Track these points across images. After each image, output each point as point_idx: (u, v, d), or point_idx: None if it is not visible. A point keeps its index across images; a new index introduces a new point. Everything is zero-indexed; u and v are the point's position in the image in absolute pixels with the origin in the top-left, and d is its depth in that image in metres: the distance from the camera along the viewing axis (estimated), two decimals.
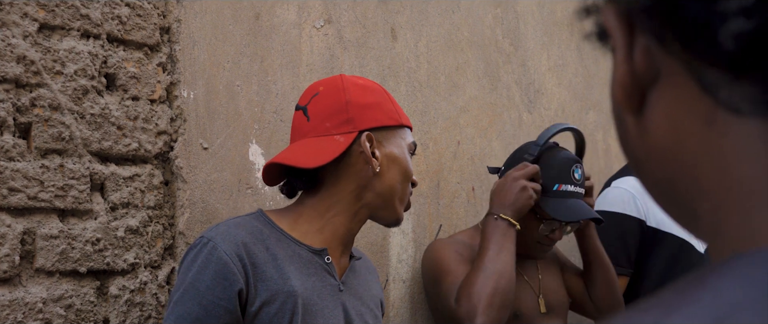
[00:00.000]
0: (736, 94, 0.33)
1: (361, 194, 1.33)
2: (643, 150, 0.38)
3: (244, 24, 1.64)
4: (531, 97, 2.45)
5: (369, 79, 1.40)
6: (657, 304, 0.32)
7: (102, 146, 1.40)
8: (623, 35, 0.37)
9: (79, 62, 1.37)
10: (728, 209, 0.35)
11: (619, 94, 0.37)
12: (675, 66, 0.35)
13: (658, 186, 0.39)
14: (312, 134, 1.32)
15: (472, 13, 2.25)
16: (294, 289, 1.25)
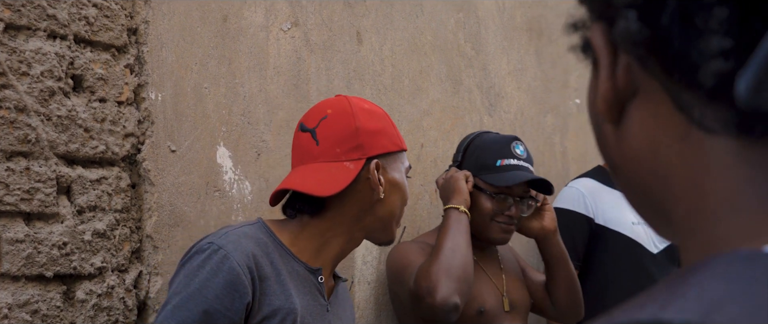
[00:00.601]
0: (708, 115, 0.37)
1: (362, 218, 1.35)
2: (619, 156, 0.42)
3: (211, 26, 1.64)
4: (491, 100, 2.49)
5: (372, 102, 1.42)
6: (649, 300, 0.35)
7: (69, 149, 1.38)
8: (608, 54, 0.40)
9: (46, 63, 1.35)
10: (700, 214, 0.38)
11: (601, 105, 0.41)
12: (653, 84, 0.39)
13: (633, 189, 0.43)
14: (322, 159, 1.32)
15: (435, 17, 2.27)
16: (295, 307, 1.26)
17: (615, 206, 2.33)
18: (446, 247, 1.74)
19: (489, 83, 2.49)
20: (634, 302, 0.36)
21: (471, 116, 2.38)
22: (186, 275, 1.21)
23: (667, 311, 0.33)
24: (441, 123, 2.27)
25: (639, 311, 0.34)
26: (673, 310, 0.33)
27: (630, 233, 2.31)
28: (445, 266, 1.70)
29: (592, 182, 2.38)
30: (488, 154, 1.90)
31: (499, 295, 1.94)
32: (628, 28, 0.37)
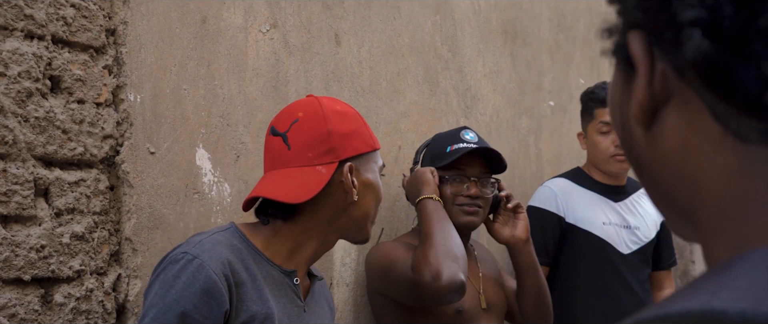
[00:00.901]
0: (745, 126, 0.40)
1: (336, 220, 1.34)
2: (648, 158, 0.45)
3: (190, 27, 1.63)
4: (468, 102, 2.51)
5: (343, 102, 1.41)
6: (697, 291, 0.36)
7: (46, 150, 1.36)
8: (646, 63, 0.42)
9: (23, 64, 1.33)
10: (729, 216, 0.41)
11: (636, 110, 0.43)
12: (689, 92, 0.41)
13: (659, 189, 0.45)
14: (294, 164, 1.31)
15: (413, 19, 2.28)
16: (272, 311, 1.26)
17: (587, 206, 2.36)
18: (436, 232, 1.75)
19: (465, 85, 2.51)
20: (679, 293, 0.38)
21: (448, 118, 2.40)
22: (161, 286, 1.20)
23: (718, 300, 0.35)
24: (418, 125, 2.28)
25: (689, 300, 0.36)
26: (725, 299, 0.35)
27: (600, 233, 2.34)
28: (442, 249, 1.71)
29: (565, 182, 2.42)
30: (439, 145, 1.98)
31: (476, 293, 1.96)
32: (699, 47, 0.38)
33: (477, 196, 1.93)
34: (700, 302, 0.35)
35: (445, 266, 1.67)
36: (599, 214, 2.36)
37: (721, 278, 0.36)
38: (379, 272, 1.88)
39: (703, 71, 0.40)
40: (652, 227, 2.45)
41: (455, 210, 1.92)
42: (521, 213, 2.01)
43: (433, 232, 1.75)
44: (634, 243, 2.38)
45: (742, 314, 0.33)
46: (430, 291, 1.67)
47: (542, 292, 2.02)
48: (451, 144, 1.96)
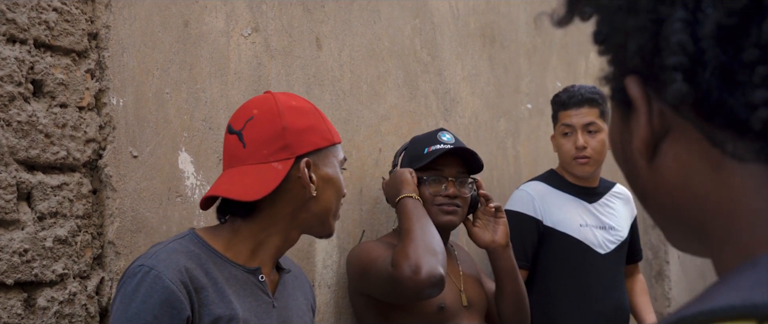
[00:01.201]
0: (740, 148, 0.46)
1: (296, 216, 1.34)
2: (653, 186, 0.51)
3: (173, 31, 1.63)
4: (447, 105, 2.54)
5: (300, 97, 1.40)
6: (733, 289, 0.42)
7: (29, 154, 1.36)
8: (645, 103, 0.48)
9: (5, 68, 1.33)
10: (735, 228, 0.47)
11: (639, 145, 0.49)
12: (686, 125, 0.47)
13: (665, 213, 0.51)
14: (249, 161, 1.31)
15: (393, 23, 2.31)
16: (236, 312, 1.26)
17: (563, 209, 2.39)
18: (415, 228, 1.78)
19: (444, 88, 2.53)
20: (715, 291, 0.43)
21: (427, 121, 2.42)
22: (122, 301, 1.21)
23: (758, 295, 0.40)
24: (398, 127, 2.30)
25: (729, 297, 0.41)
26: (757, 294, 0.40)
27: (577, 235, 2.37)
28: (421, 244, 1.73)
29: (541, 185, 2.44)
30: (417, 147, 2.02)
31: (457, 291, 1.99)
32: (679, 89, 0.44)
33: (455, 195, 1.96)
34: (741, 298, 0.40)
35: (424, 261, 1.70)
36: (576, 216, 2.40)
37: (750, 276, 0.42)
38: (359, 271, 1.90)
39: (696, 105, 0.45)
40: (626, 226, 2.49)
41: (434, 210, 1.95)
42: (502, 217, 2.04)
43: (413, 229, 1.78)
44: (610, 243, 2.42)
45: None
46: (410, 285, 1.69)
47: (521, 296, 2.05)
48: (428, 146, 1.99)
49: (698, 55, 0.44)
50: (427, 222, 1.81)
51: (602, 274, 2.39)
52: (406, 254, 1.71)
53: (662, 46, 0.45)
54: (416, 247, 1.72)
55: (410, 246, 1.73)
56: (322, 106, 2.02)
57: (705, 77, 0.44)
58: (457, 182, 1.98)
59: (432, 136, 2.02)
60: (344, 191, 1.40)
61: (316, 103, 2.00)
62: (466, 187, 2.00)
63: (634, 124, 0.49)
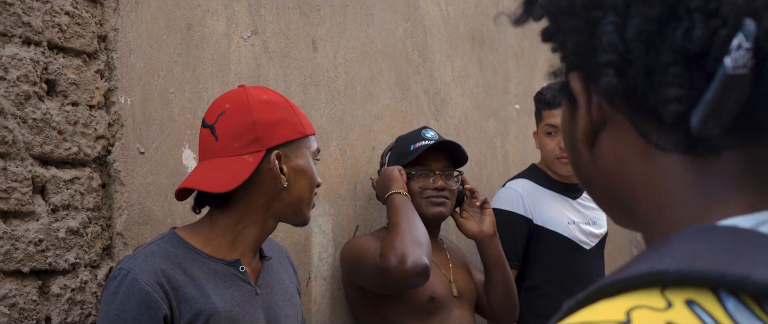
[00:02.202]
0: (663, 139, 0.51)
1: (270, 206, 1.39)
2: (593, 171, 0.57)
3: (177, 34, 1.72)
4: (437, 105, 2.63)
5: (272, 91, 1.45)
6: (642, 260, 0.47)
7: (43, 150, 1.44)
8: (585, 96, 0.54)
9: (22, 68, 1.41)
10: (658, 209, 0.52)
11: (580, 135, 0.55)
12: (620, 117, 0.53)
13: (603, 194, 0.57)
14: (222, 154, 1.36)
15: (385, 26, 2.39)
16: (215, 306, 1.32)
17: (551, 207, 2.45)
18: (402, 221, 1.87)
19: (435, 89, 2.62)
20: (630, 263, 0.48)
21: (418, 120, 2.51)
22: (104, 304, 1.29)
23: (662, 264, 0.45)
24: (391, 127, 2.39)
25: (637, 267, 0.46)
26: (667, 263, 0.45)
27: (566, 233, 2.43)
28: (407, 235, 1.83)
29: (528, 183, 2.48)
30: (403, 145, 2.12)
31: (446, 281, 2.08)
32: (609, 82, 0.50)
33: (443, 187, 2.06)
34: (647, 266, 0.45)
35: (409, 251, 1.79)
36: (563, 213, 2.45)
37: (663, 249, 0.47)
38: (351, 264, 1.99)
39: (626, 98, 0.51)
40: (604, 219, 2.56)
41: (424, 203, 2.04)
42: (488, 209, 2.13)
43: (400, 222, 1.87)
44: (594, 238, 2.49)
45: (680, 271, 0.44)
46: (396, 275, 1.78)
47: (509, 285, 2.14)
48: (413, 143, 2.09)
49: (626, 55, 0.50)
50: (413, 216, 1.91)
51: (588, 269, 2.45)
52: (393, 246, 1.81)
53: (596, 45, 0.51)
54: (402, 239, 1.81)
55: (397, 238, 1.82)
56: (317, 105, 2.11)
57: (631, 74, 0.50)
58: (443, 175, 2.07)
59: (416, 134, 2.12)
60: (318, 181, 1.44)
61: (312, 102, 2.09)
62: (453, 179, 2.10)
63: (577, 115, 0.55)
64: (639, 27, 0.48)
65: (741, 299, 0.44)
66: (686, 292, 0.44)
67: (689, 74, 0.48)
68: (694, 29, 0.47)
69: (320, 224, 2.10)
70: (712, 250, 0.45)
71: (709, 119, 0.47)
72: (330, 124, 2.15)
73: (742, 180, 0.50)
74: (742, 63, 0.45)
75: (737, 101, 0.46)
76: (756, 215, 0.48)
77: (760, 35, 0.46)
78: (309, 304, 2.05)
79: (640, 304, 0.44)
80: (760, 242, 0.46)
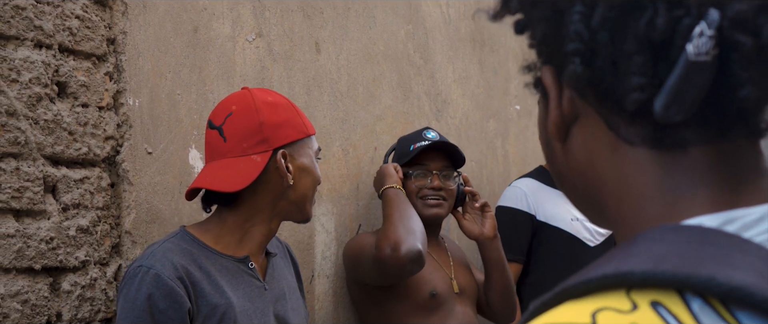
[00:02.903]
0: (631, 132, 0.50)
1: (276, 204, 1.45)
2: (566, 166, 0.56)
3: (184, 37, 1.75)
4: (439, 106, 2.66)
5: (276, 93, 1.50)
6: (610, 260, 0.46)
7: (54, 150, 1.48)
8: (555, 89, 0.53)
9: (33, 71, 1.45)
10: (627, 206, 0.52)
11: (551, 128, 0.54)
12: (590, 110, 0.52)
13: (576, 191, 0.57)
14: (230, 155, 1.41)
15: (387, 28, 2.43)
16: (230, 301, 1.37)
17: (555, 204, 2.49)
18: (395, 212, 1.92)
19: (436, 90, 2.66)
20: (597, 263, 0.47)
21: (420, 121, 2.55)
22: (127, 301, 1.31)
23: (627, 265, 0.44)
24: (393, 127, 2.43)
25: (602, 268, 0.45)
26: (632, 264, 0.44)
27: (569, 229, 2.47)
28: (400, 224, 1.87)
29: (533, 182, 2.52)
30: (404, 145, 2.16)
31: (448, 278, 2.11)
32: (575, 71, 0.49)
33: (440, 187, 2.09)
34: (612, 268, 0.45)
35: (402, 238, 1.83)
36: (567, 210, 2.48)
37: (629, 250, 0.47)
38: (352, 260, 2.03)
39: (594, 89, 0.50)
40: None
41: (420, 203, 2.08)
42: (488, 212, 2.16)
43: (392, 213, 1.91)
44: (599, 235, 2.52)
45: (644, 273, 0.43)
46: (392, 263, 1.82)
47: (508, 286, 2.17)
48: (414, 143, 2.13)
49: (592, 44, 0.48)
50: (406, 207, 1.95)
51: None
52: (386, 235, 1.85)
53: (563, 34, 0.50)
54: (395, 228, 1.85)
55: (390, 228, 1.87)
56: (320, 106, 2.15)
57: (598, 64, 0.49)
58: (441, 175, 2.10)
59: (417, 134, 2.15)
60: (319, 179, 1.50)
61: (315, 104, 2.12)
62: (452, 180, 2.13)
63: (549, 109, 0.54)
64: (604, 15, 0.48)
65: (707, 300, 0.43)
66: (651, 293, 0.43)
67: (653, 63, 0.47)
68: (657, 18, 0.46)
69: (323, 223, 2.14)
70: (677, 251, 0.45)
71: (671, 104, 0.46)
72: (333, 125, 2.19)
73: (709, 176, 0.49)
74: (703, 50, 0.45)
75: (700, 88, 0.46)
76: (722, 214, 0.48)
77: (724, 25, 0.45)
78: (312, 301, 2.09)
79: (606, 306, 0.43)
80: (725, 242, 0.45)
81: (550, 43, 0.53)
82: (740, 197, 0.49)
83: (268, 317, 1.44)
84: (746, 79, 0.46)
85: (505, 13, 0.55)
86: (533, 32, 0.54)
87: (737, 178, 0.50)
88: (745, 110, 0.48)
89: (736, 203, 0.49)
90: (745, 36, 0.45)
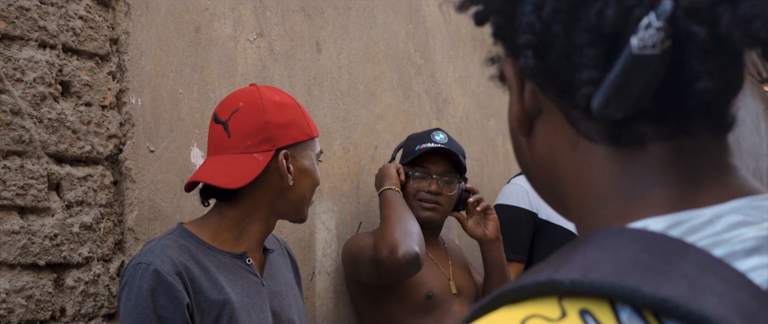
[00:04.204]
0: (589, 127, 0.49)
1: (275, 203, 1.45)
2: (530, 161, 0.55)
3: (185, 36, 1.78)
4: (439, 105, 2.68)
5: (283, 93, 1.49)
6: (546, 266, 0.45)
7: (58, 148, 1.51)
8: (517, 82, 0.52)
9: (38, 70, 1.47)
10: (586, 204, 0.51)
11: (514, 122, 0.53)
12: (551, 105, 0.51)
13: (541, 186, 0.56)
14: (233, 151, 1.41)
15: (388, 28, 2.45)
16: (229, 297, 1.37)
17: None
18: (392, 214, 1.94)
19: (437, 89, 2.68)
20: (535, 268, 0.46)
21: (421, 120, 2.57)
22: (128, 297, 1.32)
23: (558, 273, 0.43)
24: (393, 126, 2.45)
25: (538, 275, 0.44)
26: (563, 272, 0.43)
27: (571, 227, 2.48)
28: (397, 226, 1.89)
29: None
30: (411, 144, 2.16)
31: (445, 279, 2.13)
32: (526, 63, 0.48)
33: (438, 192, 2.09)
34: (545, 275, 0.44)
35: (400, 240, 1.85)
36: None
37: (567, 255, 0.45)
38: (350, 260, 2.05)
39: (551, 83, 0.48)
40: None
41: (416, 205, 2.09)
42: (491, 214, 2.17)
43: (390, 215, 1.93)
44: None
45: (572, 282, 0.42)
46: (389, 264, 1.84)
47: None
48: (420, 143, 2.13)
49: (545, 36, 0.47)
50: (403, 209, 1.97)
51: None
52: (384, 237, 1.87)
53: (517, 26, 0.48)
54: (393, 230, 1.87)
55: (387, 230, 1.89)
56: (321, 105, 2.17)
57: (552, 57, 0.47)
58: (441, 180, 2.10)
59: (426, 135, 2.15)
60: (318, 181, 1.51)
61: (316, 103, 2.15)
62: (452, 184, 2.12)
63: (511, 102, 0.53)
64: (555, 6, 0.46)
65: (638, 310, 0.41)
66: (582, 301, 0.42)
67: (605, 56, 0.45)
68: (607, 8, 0.44)
69: (324, 221, 2.16)
70: (610, 259, 0.43)
71: (610, 100, 0.44)
72: (334, 124, 2.21)
73: (667, 175, 0.48)
74: (650, 43, 0.43)
75: (646, 83, 0.44)
76: (671, 216, 0.46)
77: (679, 15, 0.43)
78: (313, 298, 2.11)
79: (536, 313, 0.42)
80: (663, 249, 0.43)
81: (506, 35, 0.51)
82: (699, 195, 0.47)
83: (265, 313, 1.46)
84: (703, 71, 0.45)
85: (470, 5, 0.53)
86: (491, 24, 0.53)
87: (697, 176, 0.48)
88: (705, 104, 0.46)
89: (693, 202, 0.47)
90: (700, 26, 0.43)
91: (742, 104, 0.50)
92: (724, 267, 0.42)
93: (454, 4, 0.55)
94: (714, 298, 0.40)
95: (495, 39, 0.53)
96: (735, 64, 0.47)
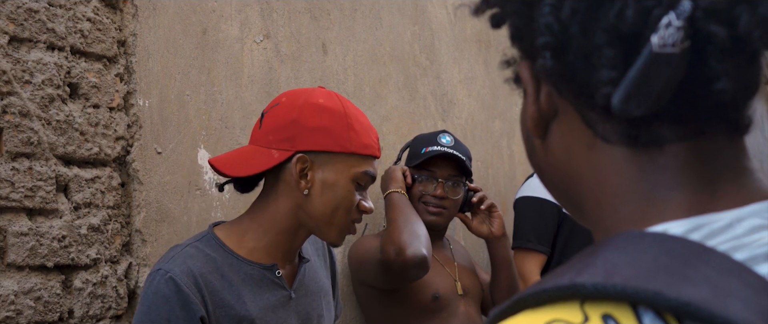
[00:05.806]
0: (607, 129, 0.49)
1: (297, 214, 1.35)
2: (545, 163, 0.54)
3: (192, 38, 1.78)
4: (445, 107, 2.69)
5: (336, 100, 1.37)
6: (569, 270, 0.45)
7: (66, 150, 1.51)
8: (532, 84, 0.52)
9: (46, 72, 1.48)
10: (603, 206, 0.51)
11: (530, 124, 0.53)
12: (568, 106, 0.51)
13: (556, 188, 0.56)
14: (258, 143, 1.36)
15: (393, 29, 2.45)
16: (249, 313, 1.32)
17: None
18: (399, 217, 1.93)
19: (442, 91, 2.68)
20: (556, 272, 0.46)
21: (426, 121, 2.57)
22: (144, 303, 1.29)
23: (581, 277, 0.43)
24: (399, 128, 2.45)
25: (559, 279, 0.44)
26: (585, 275, 0.43)
27: None
28: (405, 229, 1.89)
29: None
30: (417, 146, 2.15)
31: (451, 280, 2.13)
32: (544, 64, 0.48)
33: (443, 196, 2.09)
34: (567, 279, 0.43)
35: (407, 242, 1.85)
36: None
37: (589, 259, 0.45)
38: (357, 262, 2.05)
39: (569, 84, 0.48)
40: None
41: (421, 208, 2.09)
42: (496, 212, 2.18)
43: (396, 217, 1.93)
44: None
45: (595, 286, 0.42)
46: (396, 266, 1.84)
47: (514, 286, 2.19)
48: (427, 146, 2.12)
49: (564, 37, 0.47)
50: (410, 211, 1.96)
51: None
52: (391, 239, 1.87)
53: (535, 28, 0.48)
54: (400, 233, 1.87)
55: (394, 232, 1.88)
56: None
57: (570, 58, 0.47)
58: (447, 184, 2.10)
59: (432, 137, 2.14)
60: (351, 205, 1.35)
61: None
62: (458, 187, 2.11)
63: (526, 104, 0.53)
64: (573, 7, 0.46)
65: (660, 314, 0.41)
66: (604, 305, 0.42)
67: (624, 56, 0.45)
68: (627, 9, 0.44)
69: None
70: (633, 262, 0.43)
71: (631, 97, 0.44)
72: None
73: (685, 177, 0.47)
74: (670, 42, 0.43)
75: (666, 82, 0.44)
76: (690, 220, 0.46)
77: (698, 16, 0.43)
78: None
79: (558, 318, 0.42)
80: (685, 252, 0.43)
81: (523, 37, 0.51)
82: (717, 198, 0.47)
83: None
84: (721, 71, 0.45)
85: (486, 8, 0.53)
86: (509, 26, 0.53)
87: (715, 178, 0.48)
88: (722, 105, 0.46)
89: (711, 205, 0.47)
90: (719, 26, 0.43)
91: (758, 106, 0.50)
92: (746, 271, 0.42)
93: (470, 7, 0.55)
94: (738, 303, 0.40)
95: (512, 41, 0.53)
96: (752, 65, 0.47)
